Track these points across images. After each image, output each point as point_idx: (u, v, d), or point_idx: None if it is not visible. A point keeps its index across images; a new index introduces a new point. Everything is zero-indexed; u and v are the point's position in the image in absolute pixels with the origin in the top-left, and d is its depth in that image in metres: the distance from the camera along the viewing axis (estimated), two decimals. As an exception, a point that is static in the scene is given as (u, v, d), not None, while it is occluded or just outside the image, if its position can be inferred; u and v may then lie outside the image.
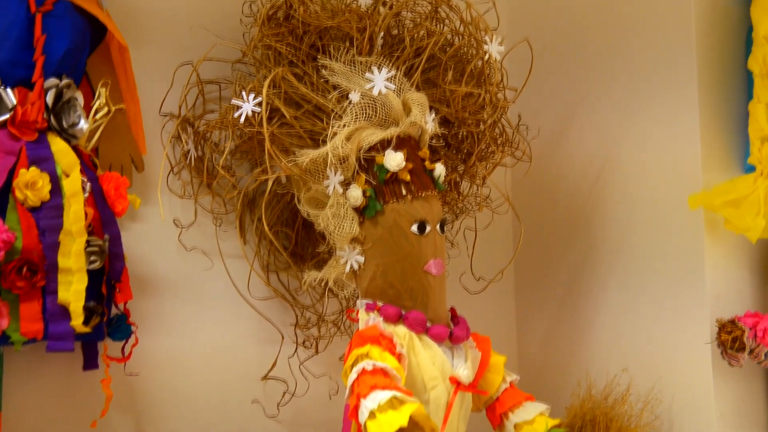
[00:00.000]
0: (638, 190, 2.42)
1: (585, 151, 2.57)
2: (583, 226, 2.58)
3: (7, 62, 1.93)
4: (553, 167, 2.65)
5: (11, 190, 1.89)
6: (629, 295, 2.43)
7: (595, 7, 2.56)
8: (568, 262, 2.63)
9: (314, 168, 2.10)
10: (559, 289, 2.66)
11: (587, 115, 2.57)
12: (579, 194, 2.59)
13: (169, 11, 2.35)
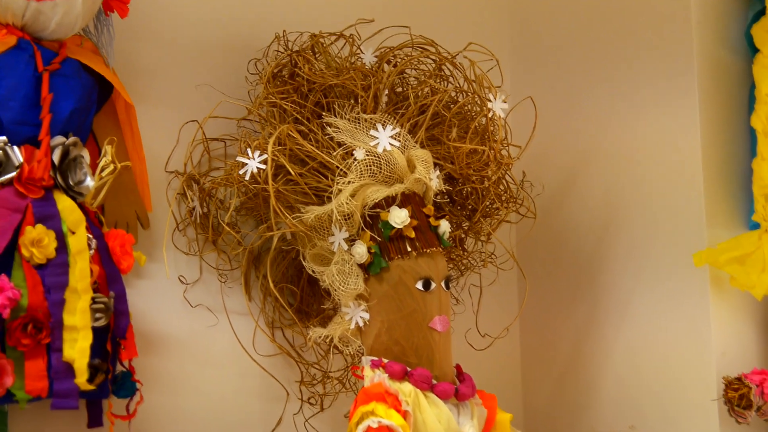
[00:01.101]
0: (643, 247, 2.42)
1: (589, 208, 2.58)
2: (589, 283, 2.58)
3: (14, 121, 1.94)
4: (558, 224, 2.65)
5: (17, 248, 1.89)
6: (635, 351, 2.43)
7: (597, 66, 2.58)
8: (574, 318, 2.62)
9: (319, 225, 2.10)
10: (565, 346, 2.65)
11: (591, 171, 2.57)
12: (584, 251, 2.59)
13: (174, 69, 2.36)
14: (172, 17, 2.37)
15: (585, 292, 2.59)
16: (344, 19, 2.38)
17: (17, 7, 1.96)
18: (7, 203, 1.90)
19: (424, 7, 2.71)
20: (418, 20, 2.38)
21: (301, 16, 2.42)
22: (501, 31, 2.85)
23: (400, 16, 2.39)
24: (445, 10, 2.76)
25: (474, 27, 2.76)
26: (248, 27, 2.43)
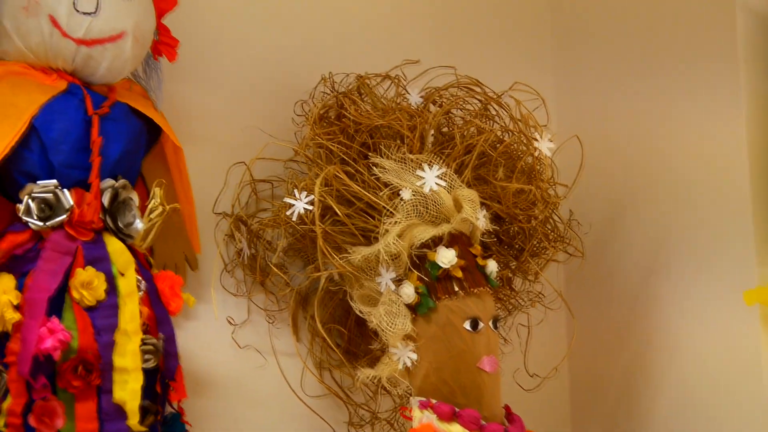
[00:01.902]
0: (692, 284, 2.39)
1: (637, 246, 2.56)
2: (638, 320, 2.55)
3: (65, 164, 1.96)
4: (606, 262, 2.64)
5: (68, 290, 1.90)
6: (686, 389, 2.40)
7: (643, 105, 2.56)
8: (623, 357, 2.60)
9: (367, 265, 2.10)
10: (615, 385, 2.63)
11: (638, 209, 2.56)
12: (632, 288, 2.57)
13: (222, 112, 2.39)
14: (220, 61, 2.39)
15: (634, 330, 2.56)
16: (390, 60, 2.39)
17: (68, 52, 1.98)
18: (58, 246, 1.92)
19: (470, 47, 2.72)
20: (464, 60, 2.39)
21: (347, 58, 2.43)
22: (546, 70, 2.85)
23: (445, 56, 2.40)
24: (491, 49, 2.76)
25: (519, 66, 2.76)
26: (295, 69, 2.45)
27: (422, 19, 2.70)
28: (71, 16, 1.97)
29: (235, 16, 2.44)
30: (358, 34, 2.58)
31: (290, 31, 2.49)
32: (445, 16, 2.73)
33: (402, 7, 2.68)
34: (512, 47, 2.82)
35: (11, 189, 1.97)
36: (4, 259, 1.89)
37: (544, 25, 2.90)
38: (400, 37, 2.62)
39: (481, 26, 2.78)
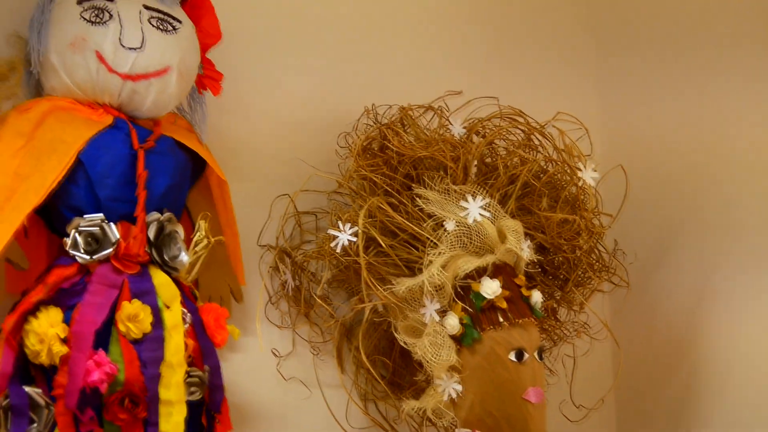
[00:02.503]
0: (742, 314, 2.37)
1: (683, 276, 2.54)
2: (685, 351, 2.53)
3: (111, 198, 1.97)
4: (652, 292, 2.62)
5: (114, 323, 1.91)
6: (736, 427, 2.37)
7: (687, 131, 2.55)
8: (670, 388, 2.58)
9: (411, 296, 2.10)
10: (662, 416, 2.60)
11: (684, 239, 2.54)
12: (679, 318, 2.55)
13: (266, 145, 2.40)
14: (264, 94, 2.41)
15: (682, 360, 2.54)
16: (433, 91, 2.40)
17: (113, 87, 2.00)
18: (104, 279, 1.93)
19: (512, 77, 2.72)
20: (506, 91, 2.39)
21: (389, 90, 2.44)
22: (590, 99, 2.85)
23: (488, 87, 2.41)
24: (533, 80, 2.77)
25: (562, 96, 2.75)
26: (338, 101, 2.46)
27: (465, 51, 2.70)
28: (117, 51, 1.99)
29: (279, 49, 2.45)
30: (400, 66, 2.59)
31: (333, 64, 2.51)
32: (487, 47, 2.74)
33: (444, 38, 2.68)
34: (555, 77, 2.82)
35: (58, 223, 1.98)
36: (51, 293, 1.90)
37: (588, 55, 2.90)
38: (442, 68, 2.63)
39: (524, 56, 2.79)
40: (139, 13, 2.04)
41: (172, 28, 2.07)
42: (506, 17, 2.78)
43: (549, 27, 2.86)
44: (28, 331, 1.86)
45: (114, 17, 2.01)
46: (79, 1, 2.02)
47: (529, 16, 2.83)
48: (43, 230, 2.04)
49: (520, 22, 2.82)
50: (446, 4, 2.72)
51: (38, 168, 1.91)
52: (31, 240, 1.99)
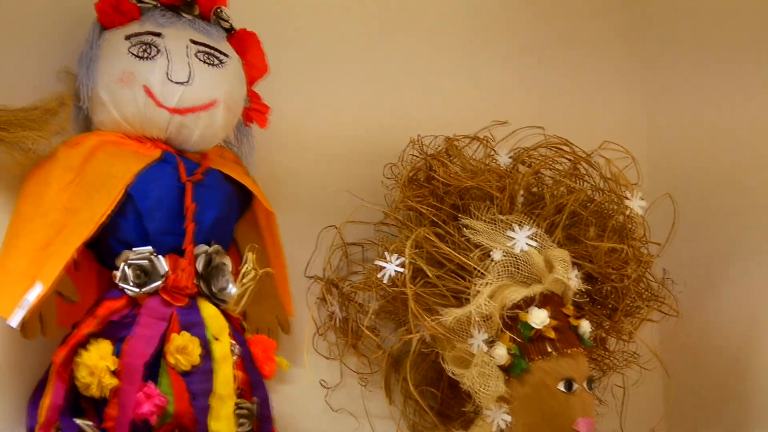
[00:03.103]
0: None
1: (735, 304, 2.52)
2: (737, 380, 2.50)
3: (160, 231, 1.99)
4: (702, 321, 2.59)
5: (164, 355, 1.92)
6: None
7: (736, 158, 2.54)
8: (723, 418, 2.55)
9: (458, 327, 2.09)
10: (715, 448, 2.58)
11: (734, 267, 2.52)
12: (730, 347, 2.53)
13: (312, 176, 2.41)
14: (310, 126, 2.42)
15: (733, 390, 2.51)
16: (478, 121, 2.39)
17: (161, 120, 2.02)
18: (153, 312, 1.94)
19: (558, 107, 2.72)
20: (552, 120, 2.38)
21: (435, 120, 2.44)
22: (637, 128, 2.84)
23: (534, 116, 2.40)
24: (579, 109, 2.76)
25: (609, 125, 2.75)
26: (384, 132, 2.46)
27: (510, 80, 2.70)
28: (165, 85, 2.01)
29: (325, 81, 2.46)
30: (446, 96, 2.59)
31: (378, 95, 2.52)
32: (533, 76, 2.74)
33: (489, 68, 2.69)
34: (601, 106, 2.82)
35: (108, 256, 2.00)
36: (101, 326, 1.92)
37: (634, 83, 2.89)
38: (488, 98, 2.63)
39: (570, 85, 2.78)
40: (186, 48, 2.06)
41: (219, 62, 2.09)
42: (551, 47, 2.78)
43: (594, 56, 2.85)
44: (79, 363, 1.88)
45: (162, 52, 2.03)
46: (128, 37, 2.04)
47: (575, 45, 2.83)
48: (93, 263, 2.06)
49: (566, 51, 2.81)
50: (491, 35, 2.72)
51: (88, 202, 1.93)
52: (81, 273, 2.01)
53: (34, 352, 1.98)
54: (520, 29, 2.77)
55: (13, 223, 1.94)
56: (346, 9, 2.53)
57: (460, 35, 2.67)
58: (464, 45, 2.68)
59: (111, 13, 2.06)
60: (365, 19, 2.55)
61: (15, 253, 1.89)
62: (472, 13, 2.71)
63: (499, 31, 2.73)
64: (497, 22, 2.74)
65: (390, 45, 2.56)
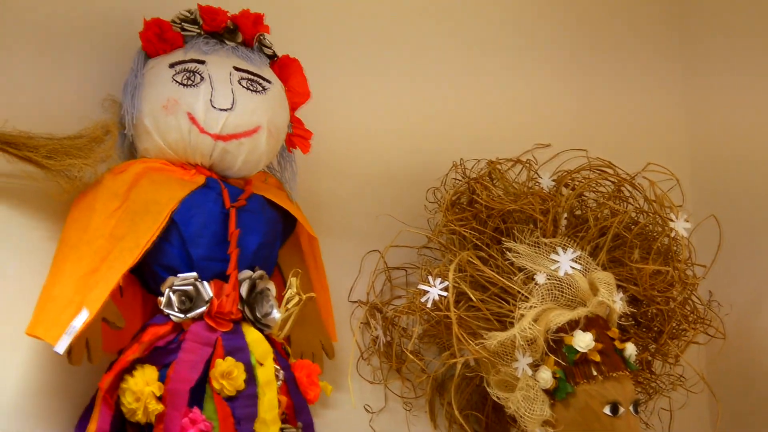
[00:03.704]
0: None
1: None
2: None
3: (204, 257, 2.00)
4: (750, 343, 2.57)
5: (208, 380, 1.93)
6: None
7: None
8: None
9: (502, 350, 2.09)
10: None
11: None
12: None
13: (355, 201, 2.42)
14: (352, 151, 2.43)
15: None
16: (520, 144, 2.40)
17: (205, 147, 2.04)
18: (198, 337, 1.95)
19: (601, 129, 2.71)
20: (595, 142, 2.38)
21: (477, 144, 2.45)
22: (680, 149, 2.83)
23: (576, 139, 2.40)
24: (622, 131, 2.76)
25: (652, 147, 2.74)
26: (426, 157, 2.47)
27: (553, 104, 2.70)
28: (208, 112, 2.03)
29: (366, 106, 2.48)
30: (488, 120, 2.60)
31: (420, 120, 2.53)
32: (575, 99, 2.74)
33: (531, 91, 2.69)
34: (644, 128, 2.81)
35: (153, 282, 2.01)
36: (147, 351, 1.93)
37: (677, 104, 2.88)
38: (530, 121, 2.63)
39: (613, 108, 2.78)
40: (229, 75, 2.08)
41: (262, 89, 2.10)
42: (593, 69, 2.78)
43: (636, 77, 2.85)
44: (124, 389, 1.89)
45: (205, 79, 2.05)
46: (172, 65, 2.06)
47: (616, 67, 2.82)
48: (138, 289, 2.07)
49: (607, 74, 2.81)
50: (532, 59, 2.72)
51: (133, 228, 1.95)
52: (126, 299, 2.02)
53: (81, 379, 2.00)
54: (562, 52, 2.77)
55: (59, 249, 1.96)
56: (388, 35, 2.55)
57: (501, 59, 2.68)
58: (505, 69, 2.69)
59: (155, 41, 2.09)
60: (406, 45, 2.56)
61: (61, 279, 1.91)
62: (513, 38, 2.72)
63: (541, 55, 2.74)
64: (538, 46, 2.74)
65: (431, 70, 2.57)
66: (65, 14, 2.16)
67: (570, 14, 2.83)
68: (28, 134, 1.95)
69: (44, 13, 2.14)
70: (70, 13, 2.17)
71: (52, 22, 2.14)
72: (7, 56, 2.09)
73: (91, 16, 2.19)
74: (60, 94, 2.12)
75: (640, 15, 2.93)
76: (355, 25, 2.51)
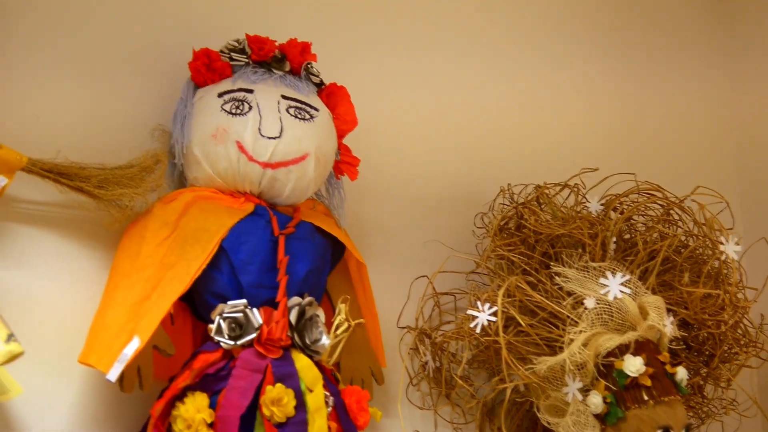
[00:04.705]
0: None
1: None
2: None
3: (253, 284, 2.00)
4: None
5: (259, 407, 1.93)
6: None
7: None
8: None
9: (552, 375, 2.08)
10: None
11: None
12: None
13: (403, 227, 2.42)
14: (399, 177, 2.44)
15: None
16: (568, 169, 2.39)
17: (254, 175, 2.05)
18: (248, 364, 1.95)
19: (649, 153, 2.71)
20: (643, 166, 2.37)
21: (524, 169, 2.45)
22: (728, 172, 2.81)
23: (624, 163, 2.39)
24: (670, 154, 2.75)
25: (700, 170, 2.73)
26: (473, 182, 2.48)
27: (600, 128, 2.70)
28: (257, 140, 2.04)
29: (413, 132, 2.49)
30: (535, 145, 2.60)
31: (467, 146, 2.53)
32: (622, 123, 2.73)
33: (578, 116, 2.69)
34: (692, 151, 2.80)
35: (202, 309, 2.03)
36: (197, 378, 1.94)
37: (726, 126, 2.87)
38: (577, 146, 2.63)
39: (660, 130, 2.77)
40: (277, 103, 2.09)
41: (310, 116, 2.12)
42: (640, 93, 2.78)
43: (685, 100, 2.84)
44: (175, 416, 1.90)
45: (253, 108, 2.07)
46: (220, 94, 2.09)
47: (663, 89, 2.82)
48: (188, 316, 2.09)
49: (655, 96, 2.80)
50: (579, 85, 2.72)
51: (183, 257, 1.96)
52: (177, 326, 2.04)
53: (133, 406, 2.01)
54: (608, 76, 2.77)
55: (111, 278, 1.99)
56: (434, 63, 2.56)
57: (548, 84, 2.68)
58: (551, 93, 2.69)
59: (204, 71, 2.11)
60: (453, 73, 2.57)
61: (113, 307, 1.93)
62: (560, 64, 2.72)
63: (587, 81, 2.74)
64: (584, 72, 2.74)
65: (478, 96, 2.58)
66: (115, 46, 2.19)
67: (617, 37, 2.83)
68: (79, 165, 1.98)
69: (95, 45, 2.17)
70: (121, 45, 2.20)
71: (103, 53, 2.18)
72: (59, 88, 2.12)
73: (140, 48, 2.22)
74: (111, 125, 2.15)
75: (687, 35, 2.93)
76: (401, 53, 2.53)
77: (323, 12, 2.45)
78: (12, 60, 2.09)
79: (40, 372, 1.95)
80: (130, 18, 2.23)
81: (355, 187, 2.29)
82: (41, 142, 1.99)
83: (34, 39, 2.12)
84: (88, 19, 2.18)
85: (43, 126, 2.08)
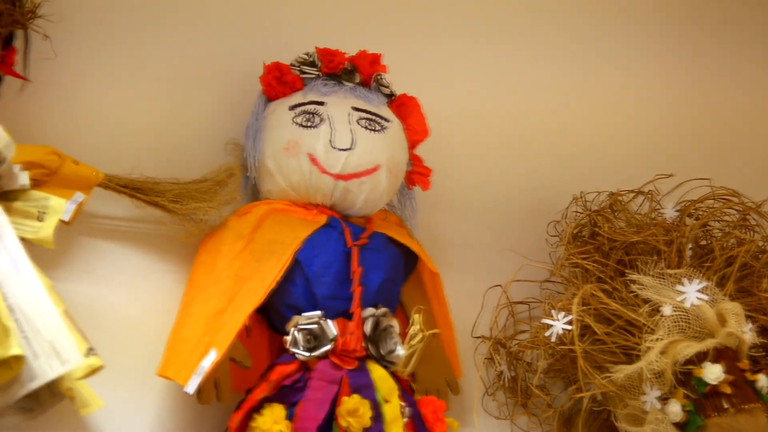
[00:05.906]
0: None
1: None
2: None
3: (327, 296, 2.01)
4: None
5: (335, 418, 1.93)
6: None
7: None
8: None
9: (630, 384, 2.06)
10: None
11: None
12: None
13: (476, 236, 2.42)
14: (471, 186, 2.44)
15: None
16: (642, 175, 2.37)
17: (326, 187, 2.07)
18: (324, 375, 1.96)
19: (725, 157, 2.67)
20: (719, 171, 2.34)
21: (597, 176, 2.43)
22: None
23: (699, 168, 2.36)
24: (747, 159, 2.71)
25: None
26: (546, 191, 2.46)
27: (674, 133, 2.68)
28: (329, 152, 2.06)
29: (485, 141, 2.49)
30: (607, 151, 2.58)
31: (539, 153, 2.52)
32: (697, 128, 2.70)
33: (651, 121, 2.67)
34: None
35: (278, 321, 2.04)
36: (274, 390, 1.95)
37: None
38: (651, 152, 2.61)
39: (737, 135, 2.74)
40: (348, 115, 2.10)
41: (381, 128, 2.13)
42: (714, 96, 2.75)
43: (759, 104, 2.80)
44: (253, 428, 1.91)
45: (325, 120, 2.08)
46: (292, 107, 2.10)
47: (737, 94, 2.78)
48: (264, 329, 2.10)
49: (730, 99, 2.77)
50: (650, 89, 2.70)
51: (258, 269, 1.98)
52: (253, 339, 2.05)
53: (211, 418, 2.03)
54: (681, 80, 2.74)
55: (187, 291, 2.01)
56: (502, 69, 2.56)
57: (621, 89, 2.66)
58: (623, 98, 2.67)
59: (275, 85, 2.13)
60: (523, 82, 2.57)
61: (190, 321, 1.95)
62: (631, 69, 2.70)
63: (661, 84, 2.72)
64: (657, 75, 2.72)
65: (547, 103, 2.57)
66: (188, 62, 2.22)
67: (690, 34, 2.80)
68: (154, 180, 2.01)
69: (168, 62, 2.20)
70: (193, 61, 2.23)
71: (176, 69, 2.20)
72: (133, 104, 2.15)
73: (213, 63, 2.24)
74: (184, 139, 2.18)
75: (759, 34, 2.89)
76: (471, 62, 2.53)
77: (393, 23, 2.46)
78: (87, 77, 2.13)
79: (120, 385, 1.97)
80: (202, 34, 2.25)
81: (427, 197, 2.29)
82: (117, 158, 2.02)
83: (108, 56, 2.15)
84: (162, 36, 2.21)
85: (118, 142, 2.11)
